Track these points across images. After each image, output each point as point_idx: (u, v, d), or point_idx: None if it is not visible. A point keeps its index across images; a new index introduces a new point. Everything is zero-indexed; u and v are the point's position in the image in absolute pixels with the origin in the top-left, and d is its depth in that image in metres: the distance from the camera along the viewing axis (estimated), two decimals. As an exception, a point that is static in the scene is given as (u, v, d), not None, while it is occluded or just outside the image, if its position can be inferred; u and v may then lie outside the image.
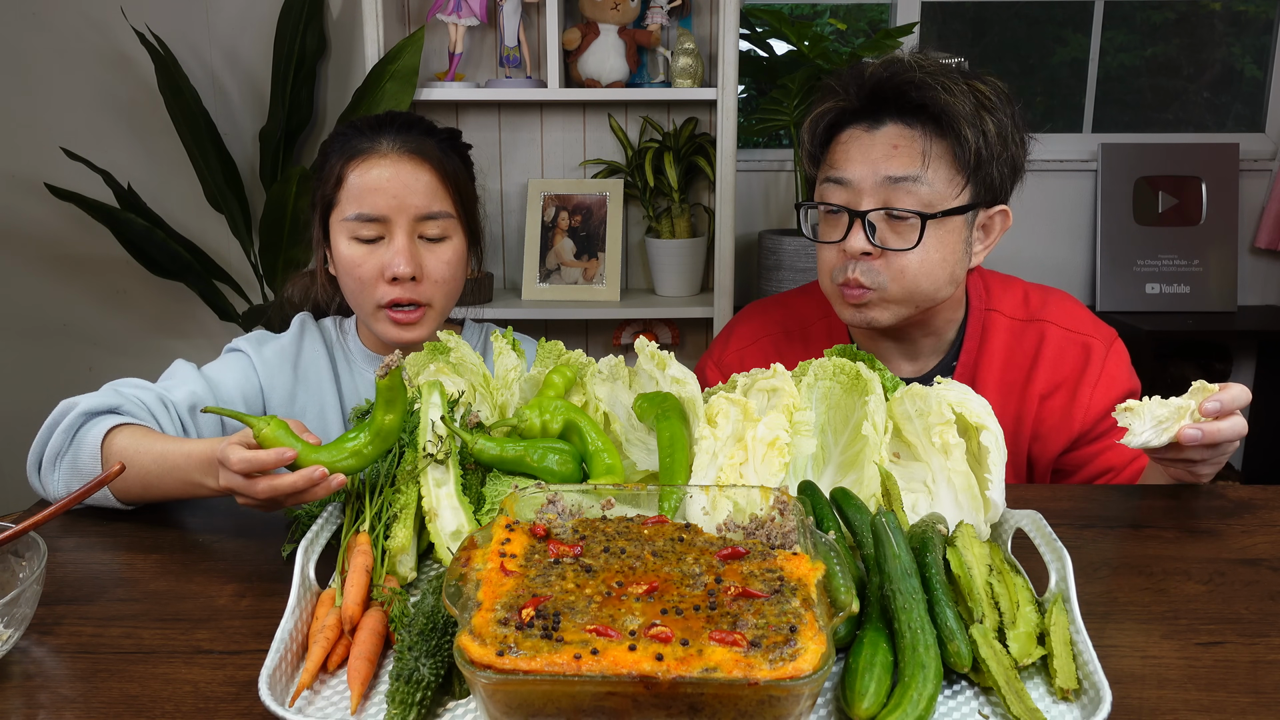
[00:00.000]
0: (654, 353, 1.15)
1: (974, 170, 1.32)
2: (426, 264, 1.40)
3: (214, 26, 2.89)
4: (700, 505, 0.92)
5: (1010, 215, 1.40)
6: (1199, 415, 1.08)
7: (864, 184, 1.33)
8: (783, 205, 3.06)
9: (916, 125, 1.32)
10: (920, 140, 1.32)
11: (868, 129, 1.34)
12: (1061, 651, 0.78)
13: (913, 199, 1.31)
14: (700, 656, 0.65)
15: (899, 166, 1.31)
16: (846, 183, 1.34)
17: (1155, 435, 1.08)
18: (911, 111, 1.32)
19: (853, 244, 1.34)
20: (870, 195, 1.33)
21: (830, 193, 1.37)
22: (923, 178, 1.31)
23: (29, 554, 0.88)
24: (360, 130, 1.43)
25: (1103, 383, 1.41)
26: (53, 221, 2.99)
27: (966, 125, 1.29)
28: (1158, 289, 3.04)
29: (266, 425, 0.93)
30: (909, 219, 1.32)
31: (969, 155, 1.31)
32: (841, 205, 1.35)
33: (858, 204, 1.34)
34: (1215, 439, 1.07)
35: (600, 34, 2.65)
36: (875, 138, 1.33)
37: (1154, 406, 1.09)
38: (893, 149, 1.32)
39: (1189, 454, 1.11)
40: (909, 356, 1.48)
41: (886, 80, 1.32)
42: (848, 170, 1.34)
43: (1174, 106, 3.28)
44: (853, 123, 1.36)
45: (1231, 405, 1.08)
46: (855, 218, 1.33)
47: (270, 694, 0.72)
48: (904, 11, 3.04)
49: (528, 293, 2.81)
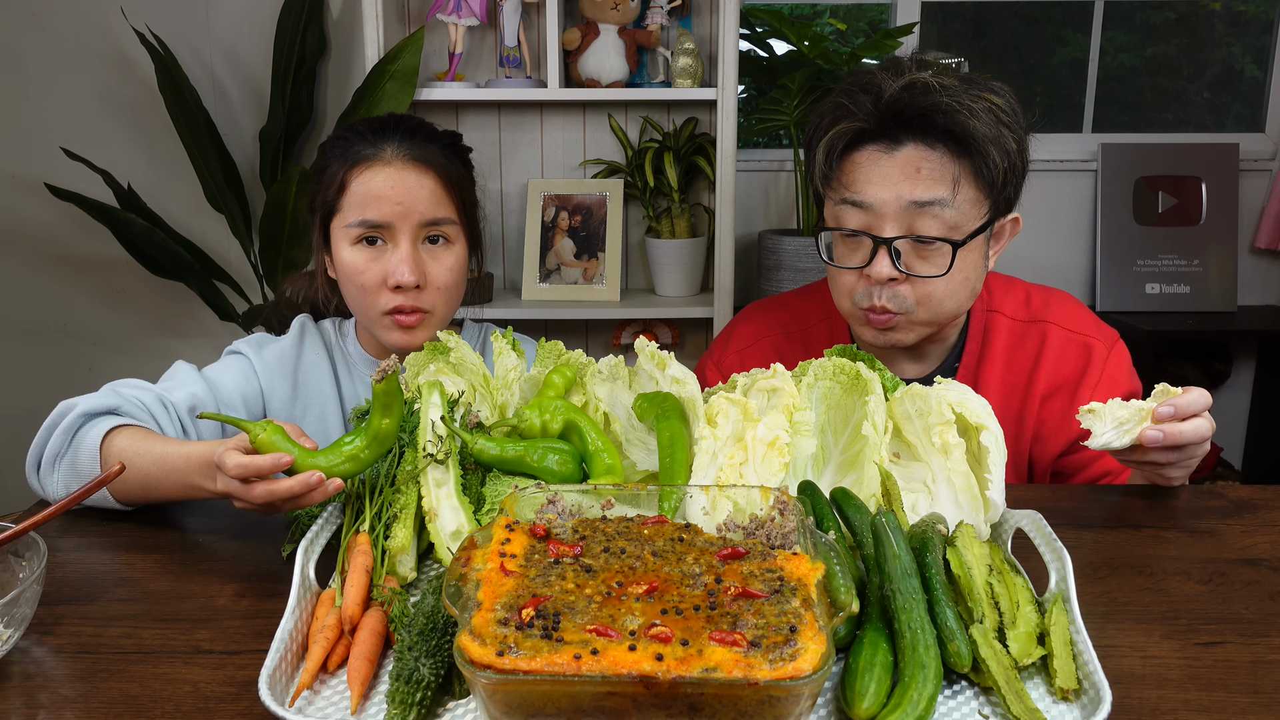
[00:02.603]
0: (654, 353, 1.15)
1: (999, 190, 1.29)
2: (430, 271, 1.40)
3: (214, 26, 2.89)
4: (700, 505, 0.92)
5: (1020, 221, 1.38)
6: (1156, 420, 1.08)
7: (886, 208, 1.27)
8: (783, 205, 3.06)
9: (939, 146, 1.26)
10: (946, 163, 1.26)
11: (886, 149, 1.28)
12: (1061, 651, 0.78)
13: (939, 224, 1.27)
14: (700, 656, 0.65)
15: (924, 190, 1.26)
16: (867, 206, 1.29)
17: (1116, 437, 1.09)
18: (934, 134, 1.26)
19: (879, 271, 1.29)
20: (894, 220, 1.28)
21: (848, 216, 1.31)
22: (950, 202, 1.26)
23: (29, 554, 0.88)
24: (362, 135, 1.41)
25: (1104, 384, 1.41)
26: (53, 221, 2.99)
27: (992, 147, 1.25)
28: (1158, 289, 3.04)
29: (263, 430, 0.93)
30: (936, 245, 1.28)
31: (996, 176, 1.27)
32: (863, 230, 1.30)
33: (880, 229, 1.28)
34: (1177, 440, 1.07)
35: (600, 34, 2.65)
36: (895, 160, 1.27)
37: (1115, 408, 1.09)
38: (915, 172, 1.26)
39: (1153, 456, 1.10)
40: (913, 359, 1.48)
41: (908, 105, 1.26)
42: (867, 193, 1.28)
43: (1174, 106, 3.28)
44: (870, 143, 1.30)
45: (1187, 409, 1.07)
46: (880, 244, 1.28)
47: (270, 694, 0.72)
48: (904, 11, 3.04)
49: (528, 293, 2.81)
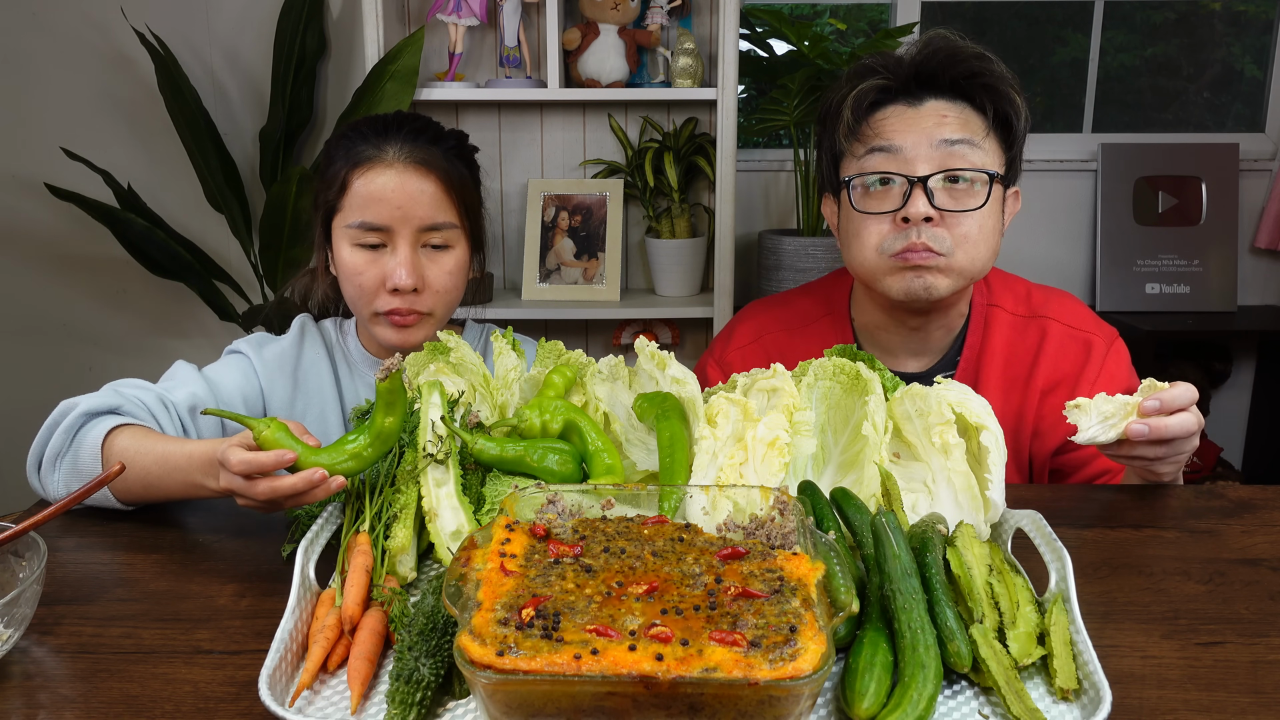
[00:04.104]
0: (654, 353, 1.15)
1: (1013, 147, 1.35)
2: (428, 274, 1.40)
3: (214, 26, 2.89)
4: (700, 505, 0.92)
5: (1020, 196, 1.42)
6: (1141, 414, 1.08)
7: (918, 149, 1.31)
8: (783, 205, 3.06)
9: (960, 101, 1.33)
10: (970, 114, 1.33)
11: (911, 104, 1.34)
12: (1061, 651, 0.78)
13: (970, 161, 1.31)
14: (700, 656, 0.65)
15: (953, 130, 1.31)
16: (897, 149, 1.32)
17: (1102, 431, 1.09)
18: (956, 90, 1.33)
19: (916, 209, 1.30)
20: (925, 161, 1.31)
21: (877, 162, 1.34)
22: (978, 142, 1.32)
23: (29, 554, 0.88)
24: (366, 135, 1.41)
25: (1102, 380, 1.41)
26: (53, 221, 2.99)
27: (1015, 95, 1.32)
28: (1158, 289, 3.03)
29: (266, 427, 0.93)
30: (971, 181, 1.31)
31: (1014, 128, 1.33)
32: (896, 172, 1.33)
33: (913, 170, 1.31)
34: (1163, 434, 1.08)
35: (600, 34, 2.65)
36: (921, 111, 1.33)
37: (1100, 403, 1.10)
38: (941, 118, 1.32)
39: (1140, 450, 1.11)
40: (915, 351, 1.48)
41: (932, 56, 1.33)
42: (897, 139, 1.32)
43: (1174, 106, 3.28)
44: (894, 101, 1.35)
45: (1172, 403, 1.08)
46: (914, 184, 1.31)
47: (270, 694, 0.72)
48: (904, 11, 3.04)
49: (528, 293, 2.81)
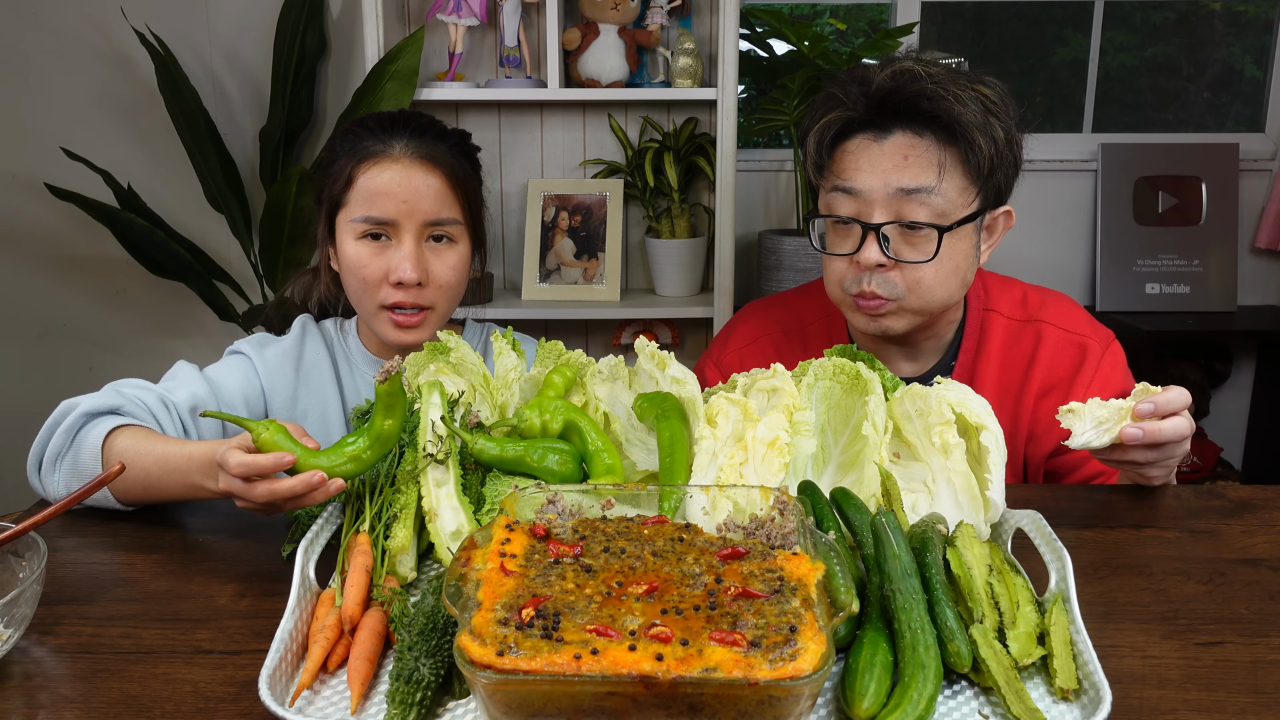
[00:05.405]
0: (654, 353, 1.15)
1: (986, 178, 1.31)
2: (432, 269, 1.40)
3: (214, 26, 2.89)
4: (700, 505, 0.92)
5: (1013, 215, 1.40)
6: (1136, 417, 1.08)
7: (875, 195, 1.30)
8: (783, 205, 3.06)
9: (927, 134, 1.29)
10: (933, 150, 1.29)
11: (875, 138, 1.31)
12: (1061, 651, 0.78)
13: (927, 210, 1.29)
14: (700, 656, 0.65)
15: (911, 177, 1.28)
16: (856, 193, 1.31)
17: (1096, 436, 1.09)
18: (922, 121, 1.30)
19: (867, 256, 1.31)
20: (882, 207, 1.30)
21: (839, 203, 1.34)
22: (937, 189, 1.29)
23: (29, 554, 0.88)
24: (371, 130, 1.41)
25: (1097, 384, 1.41)
26: (53, 221, 2.99)
27: (979, 133, 1.27)
28: (1158, 289, 3.03)
29: (265, 430, 0.93)
30: (924, 230, 1.30)
31: (983, 163, 1.29)
32: (852, 217, 1.33)
33: (869, 215, 1.31)
34: (1157, 439, 1.08)
35: (600, 34, 2.65)
36: (884, 147, 1.30)
37: (1094, 408, 1.10)
38: (903, 159, 1.29)
39: (1133, 455, 1.11)
40: (909, 357, 1.48)
41: (895, 91, 1.29)
42: (857, 180, 1.31)
43: (1174, 106, 3.28)
44: (859, 132, 1.33)
45: (1166, 407, 1.08)
46: (869, 230, 1.31)
47: (270, 694, 0.72)
48: (904, 11, 3.04)
49: (528, 293, 2.81)
